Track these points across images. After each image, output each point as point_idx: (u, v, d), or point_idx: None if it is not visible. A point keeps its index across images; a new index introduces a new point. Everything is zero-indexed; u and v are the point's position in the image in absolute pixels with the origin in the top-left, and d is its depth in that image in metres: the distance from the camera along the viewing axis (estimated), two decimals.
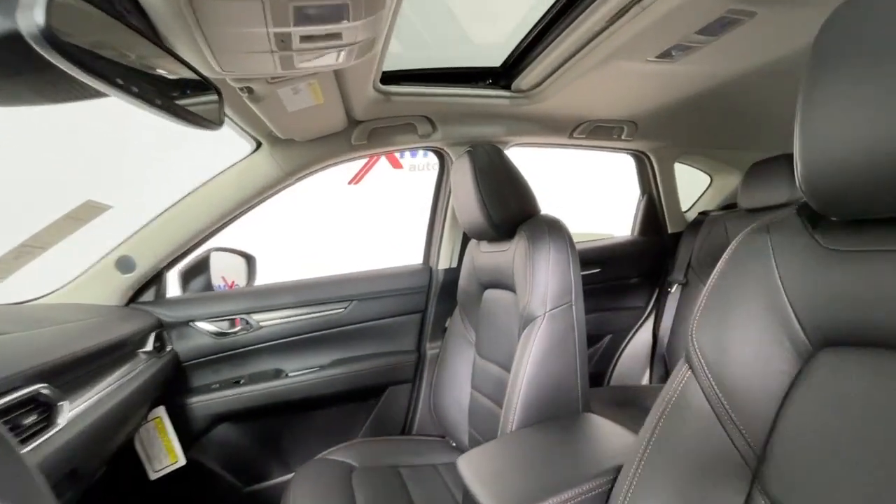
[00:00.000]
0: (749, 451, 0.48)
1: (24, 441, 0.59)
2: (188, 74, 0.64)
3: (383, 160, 4.92)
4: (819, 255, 0.43)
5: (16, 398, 0.59)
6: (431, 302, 1.53)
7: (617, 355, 1.81)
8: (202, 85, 0.69)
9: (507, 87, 1.26)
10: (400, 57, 1.12)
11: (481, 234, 1.14)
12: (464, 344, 1.31)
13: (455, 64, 1.23)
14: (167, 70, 0.61)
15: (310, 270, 1.59)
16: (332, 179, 4.68)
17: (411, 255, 1.63)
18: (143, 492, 1.19)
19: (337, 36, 0.66)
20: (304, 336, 1.40)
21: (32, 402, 0.63)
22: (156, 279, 1.30)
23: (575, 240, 1.01)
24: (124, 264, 1.19)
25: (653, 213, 1.84)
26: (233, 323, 1.35)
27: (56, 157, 3.15)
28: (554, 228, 0.99)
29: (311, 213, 4.58)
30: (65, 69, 0.41)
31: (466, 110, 1.30)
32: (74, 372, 0.77)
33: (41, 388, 0.64)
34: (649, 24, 0.82)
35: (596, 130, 1.50)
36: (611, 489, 0.61)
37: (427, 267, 1.57)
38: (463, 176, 1.09)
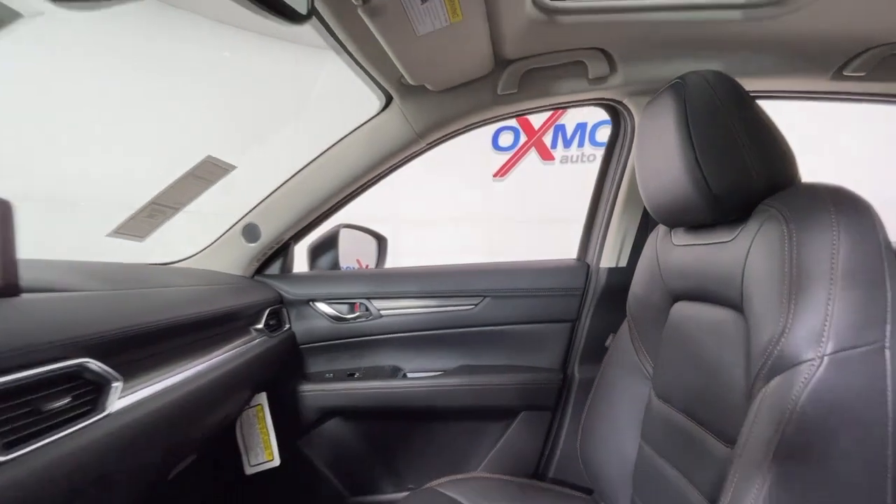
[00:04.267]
0: None
1: (45, 431, 0.45)
2: None
3: (532, 153, 4.57)
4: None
5: (40, 374, 0.45)
6: (587, 310, 1.18)
7: None
8: None
9: None
10: None
11: (681, 215, 0.74)
12: (633, 374, 0.92)
13: None
14: None
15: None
16: (476, 171, 4.52)
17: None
18: (238, 484, 1.11)
19: None
20: (426, 332, 1.20)
21: (76, 380, 0.50)
22: (281, 252, 1.22)
23: None
24: (250, 233, 1.12)
25: None
26: (352, 307, 1.20)
27: (176, 116, 3.34)
28: (844, 205, 0.54)
29: (454, 208, 4.51)
30: None
31: (665, 35, 0.89)
32: (155, 345, 0.65)
33: (84, 363, 0.50)
34: None
35: (888, 63, 0.93)
36: None
37: (583, 264, 1.21)
38: (660, 121, 0.70)
